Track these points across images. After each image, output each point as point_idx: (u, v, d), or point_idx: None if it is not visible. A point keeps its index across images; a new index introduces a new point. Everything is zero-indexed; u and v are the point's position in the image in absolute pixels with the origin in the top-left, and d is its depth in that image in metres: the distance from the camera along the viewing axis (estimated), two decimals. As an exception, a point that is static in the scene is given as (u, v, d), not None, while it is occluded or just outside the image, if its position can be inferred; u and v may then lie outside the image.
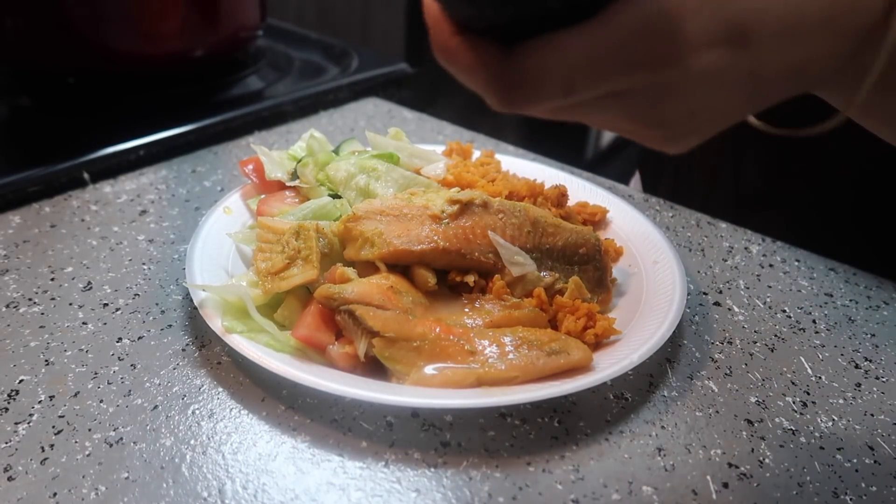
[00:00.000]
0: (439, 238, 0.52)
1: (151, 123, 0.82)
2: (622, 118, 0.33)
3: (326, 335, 0.48)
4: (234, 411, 0.46)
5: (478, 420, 0.46)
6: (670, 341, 0.53)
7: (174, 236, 0.66)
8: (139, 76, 0.95)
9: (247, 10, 1.02)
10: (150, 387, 0.48)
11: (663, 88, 0.31)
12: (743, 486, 0.42)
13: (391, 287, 0.50)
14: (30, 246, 0.63)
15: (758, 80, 0.32)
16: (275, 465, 0.42)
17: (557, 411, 0.47)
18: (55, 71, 0.94)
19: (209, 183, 0.77)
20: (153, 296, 0.57)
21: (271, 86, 1.02)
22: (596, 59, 0.29)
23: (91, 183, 0.75)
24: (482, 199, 0.56)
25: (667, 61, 0.29)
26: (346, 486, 0.41)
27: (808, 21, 0.31)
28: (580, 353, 0.47)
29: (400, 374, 0.46)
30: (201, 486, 0.41)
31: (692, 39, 0.29)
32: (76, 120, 0.88)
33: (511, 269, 0.53)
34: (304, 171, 0.64)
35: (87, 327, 0.53)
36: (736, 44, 0.30)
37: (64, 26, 0.88)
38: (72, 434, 0.44)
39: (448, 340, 0.47)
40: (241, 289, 0.50)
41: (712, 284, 0.63)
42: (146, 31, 0.92)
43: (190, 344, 0.52)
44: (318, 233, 0.53)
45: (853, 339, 0.57)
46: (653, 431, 0.46)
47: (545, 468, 0.43)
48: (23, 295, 0.57)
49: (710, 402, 0.49)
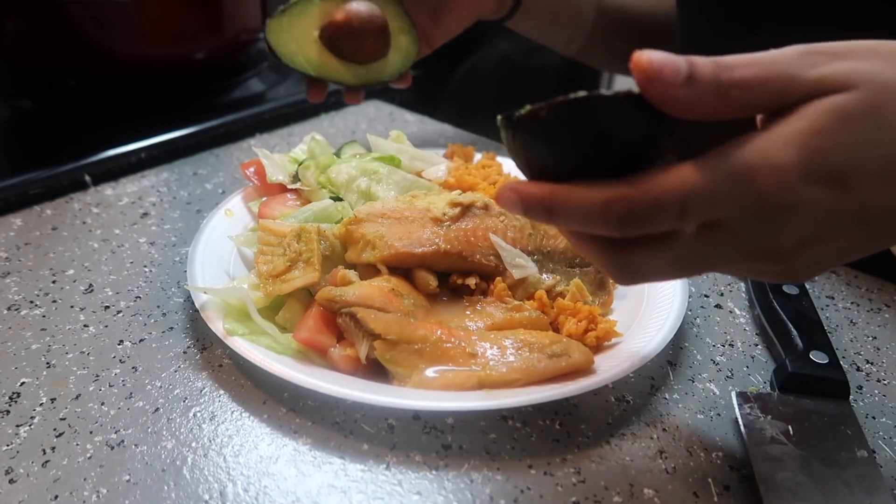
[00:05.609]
0: (441, 241, 0.52)
1: (153, 126, 0.82)
2: (738, 255, 0.35)
3: (328, 338, 0.48)
4: (236, 414, 0.46)
5: (479, 422, 0.46)
6: (671, 344, 0.52)
7: (175, 239, 0.66)
8: (141, 79, 0.95)
9: (248, 13, 1.03)
10: (152, 389, 0.48)
11: (772, 220, 0.33)
12: (744, 489, 0.42)
13: (392, 290, 0.50)
14: (31, 248, 0.63)
15: (866, 219, 0.33)
16: (276, 467, 0.42)
17: (559, 414, 0.47)
18: (57, 74, 0.95)
19: (210, 185, 0.77)
20: (154, 298, 0.57)
21: (273, 88, 1.02)
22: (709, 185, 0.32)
23: (92, 185, 0.75)
24: (483, 201, 0.56)
25: (769, 193, 0.32)
26: (347, 488, 0.41)
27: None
28: (581, 356, 0.47)
29: (401, 377, 0.46)
30: (202, 488, 0.41)
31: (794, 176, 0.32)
32: (78, 122, 0.89)
33: (512, 272, 0.53)
34: (306, 173, 0.64)
35: (88, 330, 0.53)
36: (836, 186, 0.32)
37: (65, 29, 0.88)
38: (73, 436, 0.44)
39: (449, 343, 0.47)
40: (242, 291, 0.50)
41: (714, 287, 0.63)
42: (147, 34, 0.92)
43: (191, 346, 0.52)
44: (320, 235, 0.53)
45: (854, 341, 0.57)
46: (654, 434, 0.46)
47: (546, 470, 0.43)
48: (24, 297, 0.57)
49: (712, 404, 0.49)
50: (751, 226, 0.33)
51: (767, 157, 0.32)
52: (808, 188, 0.32)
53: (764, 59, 0.33)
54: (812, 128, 0.32)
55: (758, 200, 0.32)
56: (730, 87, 0.32)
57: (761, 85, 0.32)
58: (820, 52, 0.33)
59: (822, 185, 0.32)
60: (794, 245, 0.34)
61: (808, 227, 0.33)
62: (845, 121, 0.32)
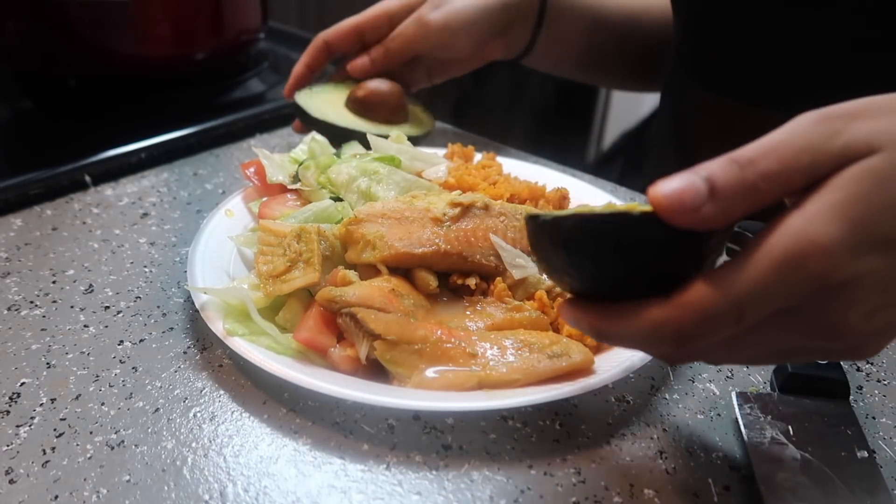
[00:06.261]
0: (441, 241, 0.52)
1: (153, 126, 0.82)
2: (804, 339, 0.34)
3: (328, 338, 0.48)
4: (236, 414, 0.46)
5: (479, 423, 0.46)
6: (672, 344, 0.52)
7: (175, 239, 0.66)
8: (141, 79, 0.95)
9: (248, 13, 1.03)
10: (152, 389, 0.48)
11: (831, 300, 0.32)
12: (744, 490, 0.42)
13: (392, 290, 0.50)
14: (31, 249, 0.64)
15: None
16: (276, 467, 0.42)
17: (559, 414, 0.47)
18: (57, 74, 0.95)
19: (211, 186, 0.77)
20: (155, 298, 0.57)
21: (273, 88, 1.02)
22: (759, 285, 0.31)
23: (92, 185, 0.75)
24: (483, 201, 0.56)
25: (823, 275, 0.31)
26: (347, 488, 0.41)
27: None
28: (582, 356, 0.47)
29: (401, 377, 0.46)
30: (203, 488, 0.41)
31: (844, 252, 0.31)
32: (78, 123, 0.89)
33: (512, 272, 0.53)
34: (306, 173, 0.64)
35: (88, 330, 0.53)
36: (886, 250, 0.31)
37: (65, 30, 0.88)
38: (73, 437, 0.44)
39: (449, 343, 0.47)
40: (242, 291, 0.50)
41: (714, 287, 0.63)
42: (148, 34, 0.92)
43: (191, 347, 0.52)
44: (320, 236, 0.53)
45: (855, 341, 0.57)
46: (654, 434, 0.46)
47: (547, 471, 0.43)
48: (24, 298, 0.57)
49: (712, 404, 0.49)
50: (811, 309, 0.32)
51: (812, 238, 0.31)
52: (860, 260, 0.31)
53: (783, 141, 0.32)
54: (849, 198, 0.31)
55: (813, 285, 0.31)
56: (757, 182, 0.31)
57: (788, 170, 0.31)
58: (835, 116, 0.33)
59: (872, 254, 0.31)
60: (860, 319, 0.33)
61: (869, 299, 0.32)
62: (879, 182, 0.31)
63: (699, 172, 0.32)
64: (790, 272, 0.31)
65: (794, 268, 0.31)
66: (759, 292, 0.31)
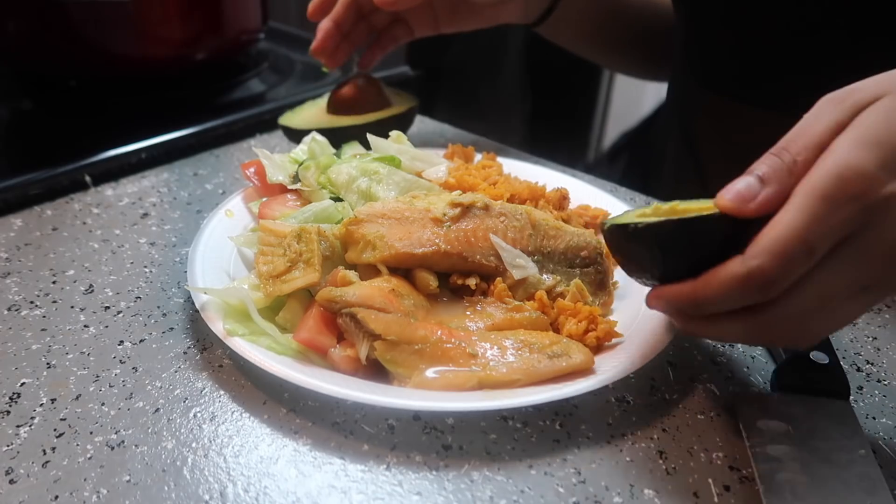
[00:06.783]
0: (441, 241, 0.52)
1: (153, 126, 0.82)
2: (875, 269, 0.37)
3: (328, 338, 0.48)
4: (236, 414, 0.46)
5: (479, 423, 0.46)
6: (672, 344, 0.52)
7: (176, 239, 0.66)
8: (141, 79, 0.95)
9: (248, 14, 1.03)
10: (152, 390, 0.48)
11: (879, 218, 0.36)
12: (744, 490, 0.42)
13: (393, 290, 0.50)
14: (31, 249, 0.64)
15: None
16: (276, 468, 0.42)
17: (559, 414, 0.47)
18: (57, 74, 0.95)
19: (211, 186, 0.77)
20: (155, 299, 0.57)
21: (273, 89, 1.02)
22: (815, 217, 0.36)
23: (93, 186, 0.75)
24: (484, 202, 0.56)
25: (863, 195, 0.35)
26: (347, 489, 0.41)
27: None
28: (582, 356, 0.47)
29: (401, 378, 0.46)
30: (203, 489, 0.41)
31: (877, 171, 0.35)
32: (78, 123, 0.89)
33: (513, 273, 0.53)
34: (306, 174, 0.64)
35: (88, 330, 0.53)
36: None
37: (66, 30, 0.88)
38: (73, 437, 0.44)
39: (450, 343, 0.47)
40: (242, 292, 0.50)
41: (714, 287, 0.63)
42: (148, 35, 0.92)
43: (191, 347, 0.52)
44: (320, 236, 0.53)
45: (855, 342, 0.57)
46: (654, 434, 0.46)
47: (547, 471, 0.43)
48: (24, 298, 0.57)
49: (712, 405, 0.49)
50: (868, 234, 0.36)
51: (846, 165, 0.35)
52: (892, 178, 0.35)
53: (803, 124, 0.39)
54: (869, 129, 0.36)
55: (857, 206, 0.35)
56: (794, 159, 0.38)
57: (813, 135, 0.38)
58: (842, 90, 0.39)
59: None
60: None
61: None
62: (891, 112, 0.36)
63: (749, 172, 0.38)
64: (835, 199, 0.35)
65: (836, 194, 0.35)
66: (815, 223, 0.35)
